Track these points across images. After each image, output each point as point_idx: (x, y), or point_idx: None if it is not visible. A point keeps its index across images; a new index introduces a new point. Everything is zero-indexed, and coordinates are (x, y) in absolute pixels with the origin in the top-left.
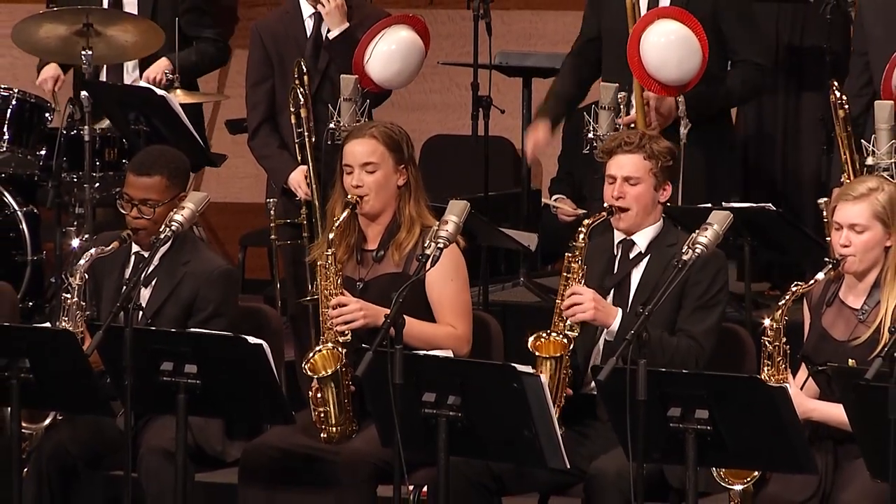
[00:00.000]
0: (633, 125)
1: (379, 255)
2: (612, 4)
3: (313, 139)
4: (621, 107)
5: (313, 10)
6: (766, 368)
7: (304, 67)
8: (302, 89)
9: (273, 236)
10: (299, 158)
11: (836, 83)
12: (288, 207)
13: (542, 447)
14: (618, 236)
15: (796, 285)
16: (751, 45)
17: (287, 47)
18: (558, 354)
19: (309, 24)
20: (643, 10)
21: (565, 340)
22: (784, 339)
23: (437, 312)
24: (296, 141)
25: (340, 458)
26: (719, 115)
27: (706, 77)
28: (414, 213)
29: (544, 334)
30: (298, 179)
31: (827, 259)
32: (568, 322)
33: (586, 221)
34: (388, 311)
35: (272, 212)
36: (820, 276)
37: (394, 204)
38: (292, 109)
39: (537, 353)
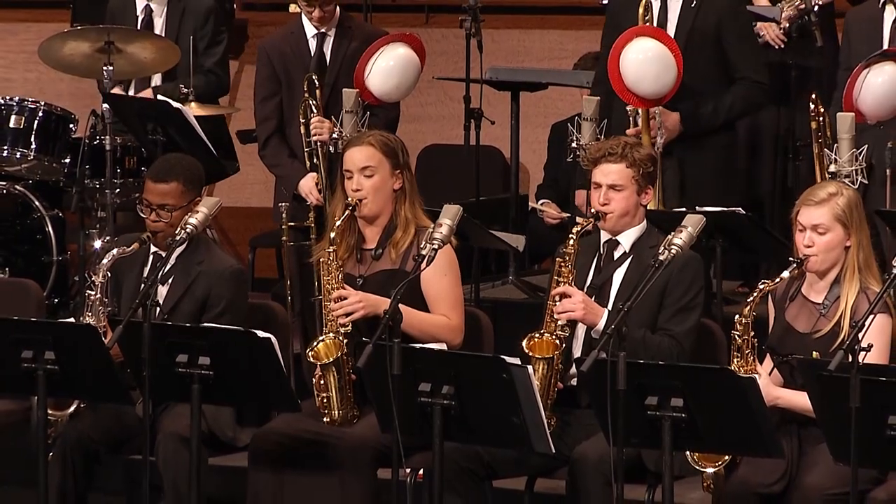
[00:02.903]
0: (638, 137)
1: (377, 254)
2: (627, 21)
3: (327, 148)
4: (629, 119)
5: (316, 31)
6: (735, 360)
7: (316, 82)
8: (314, 101)
9: (284, 237)
10: (308, 166)
11: (814, 95)
12: (297, 211)
13: (529, 433)
14: (604, 236)
15: (763, 283)
16: (751, 64)
17: (293, 64)
18: (551, 355)
19: (312, 43)
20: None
21: (557, 341)
22: (752, 333)
23: (433, 305)
24: (305, 150)
25: (343, 443)
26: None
27: (711, 93)
28: (409, 214)
29: (537, 335)
30: (310, 186)
31: (791, 259)
32: (559, 322)
33: (575, 229)
34: (386, 301)
35: (283, 215)
36: (785, 274)
37: (391, 206)
38: (302, 120)
39: (531, 354)
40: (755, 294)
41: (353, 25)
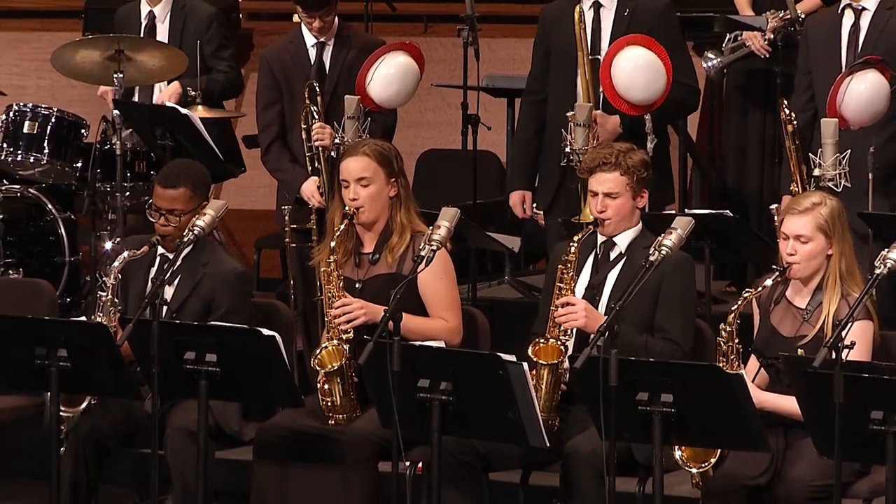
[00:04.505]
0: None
1: (374, 259)
2: (560, 32)
3: (328, 153)
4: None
5: (315, 40)
6: (721, 365)
7: (317, 89)
8: (315, 107)
9: (287, 239)
10: (309, 170)
11: (785, 101)
12: (299, 214)
13: (524, 428)
14: (601, 237)
15: (747, 292)
16: (682, 68)
17: (293, 73)
18: (555, 361)
19: (312, 52)
20: (589, 36)
21: (562, 346)
22: (737, 340)
23: (430, 308)
24: (307, 155)
25: (345, 437)
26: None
27: None
28: (405, 220)
29: (542, 340)
30: (312, 190)
31: (774, 266)
32: (562, 328)
33: (576, 237)
34: (385, 308)
35: (286, 218)
36: (768, 282)
37: (387, 213)
38: (304, 126)
39: (537, 360)
40: (739, 302)
41: (352, 34)
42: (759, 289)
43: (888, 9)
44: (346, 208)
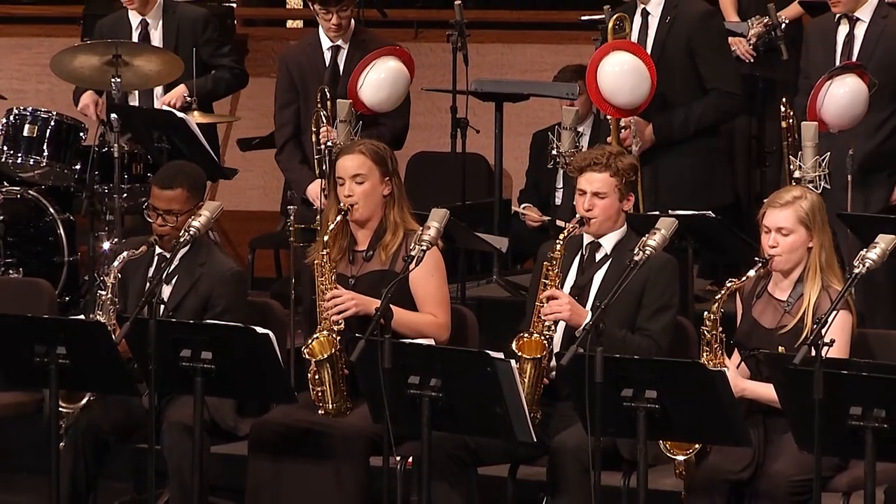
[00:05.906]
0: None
1: (368, 255)
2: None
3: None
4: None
5: (331, 44)
6: (704, 354)
7: (328, 94)
8: (325, 112)
9: (292, 238)
10: (317, 172)
11: (784, 99)
12: (305, 214)
13: (512, 423)
14: (587, 238)
15: (730, 282)
16: (721, 75)
17: (309, 75)
18: (539, 355)
19: (327, 55)
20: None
21: (545, 341)
22: (721, 329)
23: (421, 304)
24: (315, 157)
25: (337, 432)
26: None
27: (683, 104)
28: (398, 218)
29: (525, 335)
30: (316, 191)
31: (757, 258)
32: (546, 323)
33: (562, 235)
34: (376, 301)
35: (292, 217)
36: (751, 273)
37: (380, 211)
38: (314, 129)
39: (520, 354)
40: (723, 292)
41: (367, 38)
42: (743, 279)
43: (883, 17)
44: (341, 204)
